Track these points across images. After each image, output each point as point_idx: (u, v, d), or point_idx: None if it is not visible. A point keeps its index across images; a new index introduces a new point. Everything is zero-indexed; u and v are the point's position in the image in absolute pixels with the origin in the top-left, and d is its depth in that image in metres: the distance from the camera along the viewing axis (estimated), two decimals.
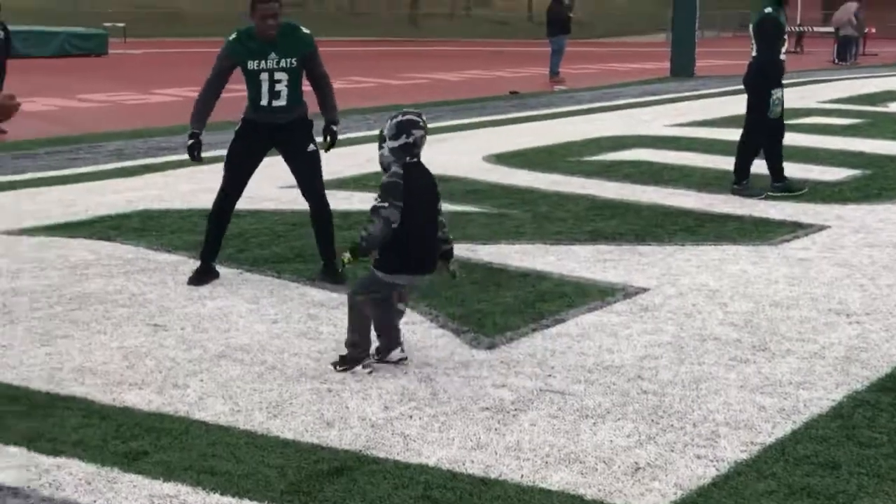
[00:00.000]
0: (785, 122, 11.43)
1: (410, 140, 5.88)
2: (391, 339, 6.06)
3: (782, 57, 11.18)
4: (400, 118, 5.94)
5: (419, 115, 5.99)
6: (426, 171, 6.01)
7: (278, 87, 7.75)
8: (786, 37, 11.34)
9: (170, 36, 55.83)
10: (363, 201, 10.40)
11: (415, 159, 5.92)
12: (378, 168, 6.07)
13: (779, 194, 11.22)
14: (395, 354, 6.03)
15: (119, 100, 23.22)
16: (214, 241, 8.00)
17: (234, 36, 7.83)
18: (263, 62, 7.70)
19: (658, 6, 70.74)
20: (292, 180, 8.25)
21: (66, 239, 9.21)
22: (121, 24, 51.58)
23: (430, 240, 5.97)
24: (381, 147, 5.95)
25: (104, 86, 26.62)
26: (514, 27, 67.58)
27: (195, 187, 11.69)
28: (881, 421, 5.33)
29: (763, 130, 11.27)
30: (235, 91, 8.24)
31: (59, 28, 42.48)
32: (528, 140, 15.52)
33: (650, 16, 68.07)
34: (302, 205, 10.33)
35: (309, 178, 7.99)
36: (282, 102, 7.81)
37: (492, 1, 76.94)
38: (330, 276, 7.89)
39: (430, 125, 6.10)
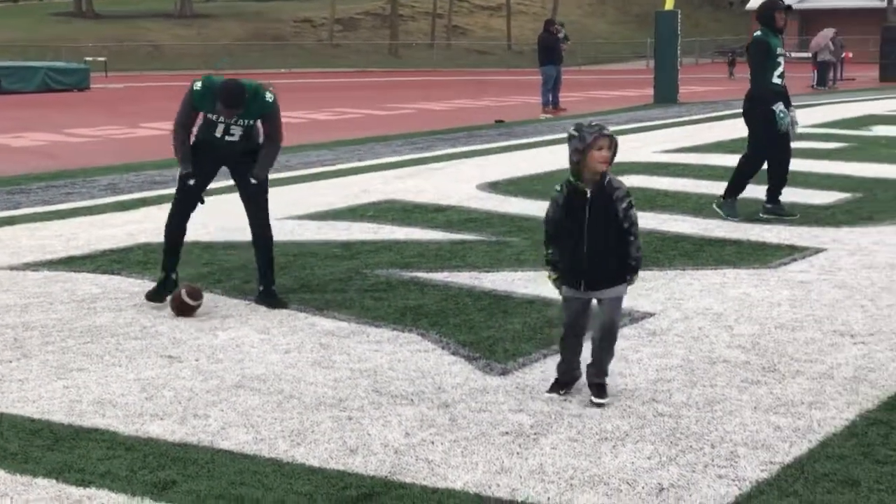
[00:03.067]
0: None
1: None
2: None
3: (776, 80, 11.25)
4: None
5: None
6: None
7: (232, 133, 8.05)
8: (780, 60, 11.37)
9: (149, 70, 56.09)
10: (363, 231, 10.49)
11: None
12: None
13: (770, 217, 11.37)
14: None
15: (106, 134, 23.31)
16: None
17: (199, 87, 7.95)
18: (222, 117, 7.97)
19: (637, 34, 71.42)
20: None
21: (70, 273, 9.26)
22: (102, 59, 51.81)
23: None
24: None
25: (90, 120, 26.71)
26: (495, 57, 68.05)
27: (193, 221, 11.73)
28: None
29: (758, 155, 11.42)
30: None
31: (41, 63, 42.59)
32: (520, 168, 15.62)
33: (629, 44, 68.68)
34: (299, 236, 10.49)
35: (253, 208, 8.28)
36: (234, 139, 8.10)
37: (471, 31, 77.31)
38: (267, 299, 8.15)
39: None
